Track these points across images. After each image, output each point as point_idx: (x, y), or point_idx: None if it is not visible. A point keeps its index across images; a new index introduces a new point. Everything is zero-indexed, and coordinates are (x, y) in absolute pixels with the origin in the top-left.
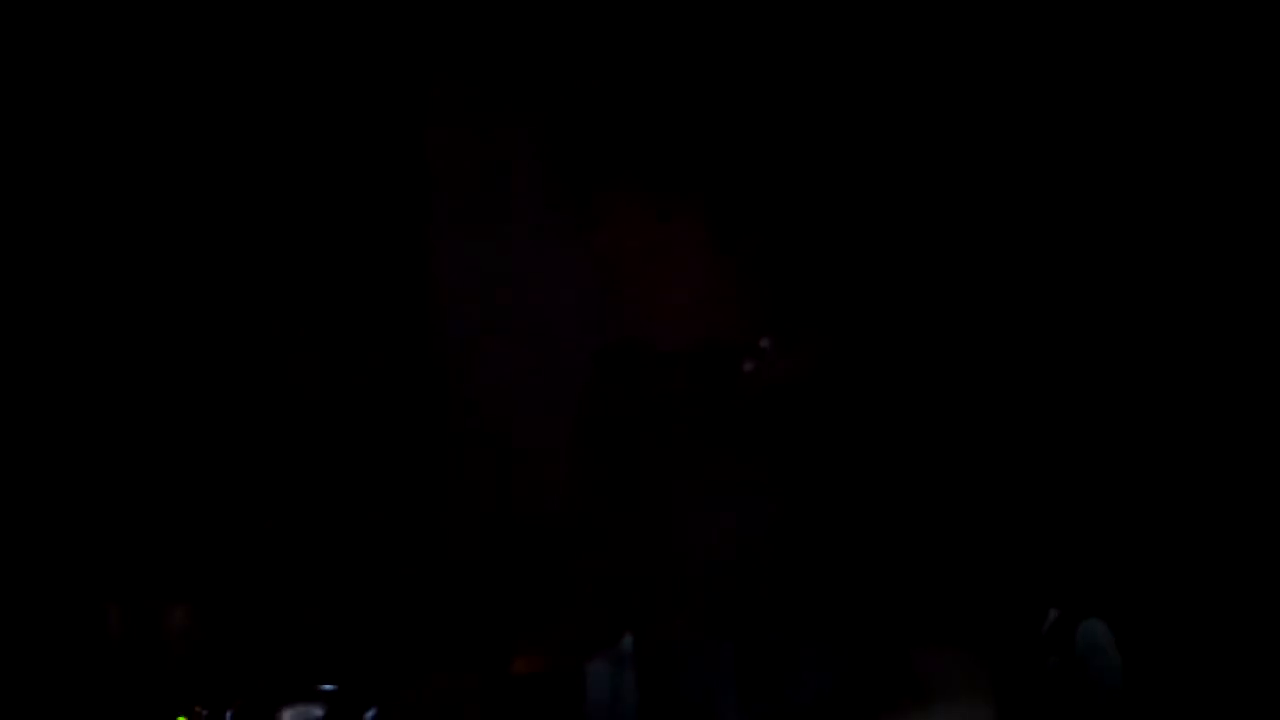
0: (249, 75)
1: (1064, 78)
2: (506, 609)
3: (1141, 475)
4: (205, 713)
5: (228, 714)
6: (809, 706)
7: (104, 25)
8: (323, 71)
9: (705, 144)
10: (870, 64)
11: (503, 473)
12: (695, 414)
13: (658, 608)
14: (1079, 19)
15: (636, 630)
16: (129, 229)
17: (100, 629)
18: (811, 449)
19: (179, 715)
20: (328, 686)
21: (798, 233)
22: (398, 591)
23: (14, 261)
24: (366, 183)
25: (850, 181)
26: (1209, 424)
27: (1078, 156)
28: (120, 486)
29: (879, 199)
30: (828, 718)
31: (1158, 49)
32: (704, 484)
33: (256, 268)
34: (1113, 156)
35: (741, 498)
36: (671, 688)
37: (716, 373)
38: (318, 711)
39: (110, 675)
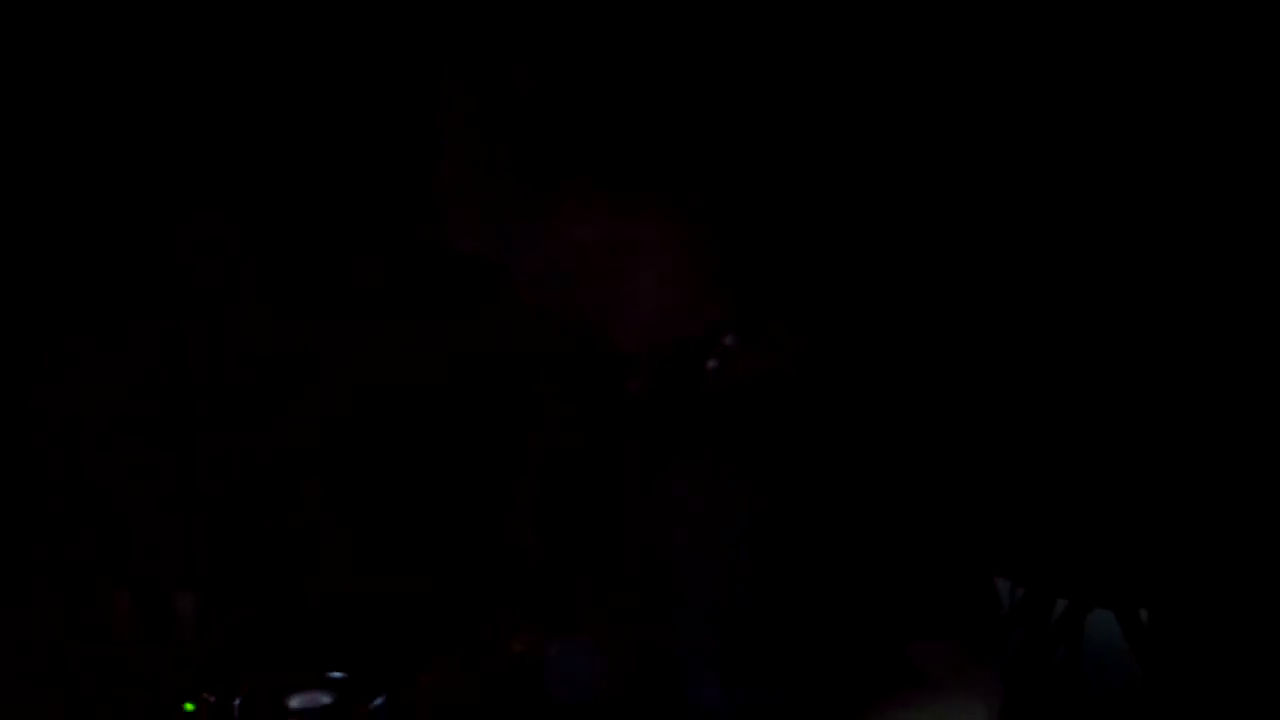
0: (249, 73)
1: (1035, 67)
2: (500, 599)
3: (1149, 465)
4: (213, 700)
5: (235, 702)
6: (793, 700)
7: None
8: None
9: (672, 140)
10: (836, 57)
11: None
12: (670, 408)
13: (637, 601)
14: (1040, 12)
15: (610, 625)
16: (131, 227)
17: (108, 616)
18: (797, 441)
19: (187, 703)
20: (336, 674)
21: (767, 228)
22: (404, 580)
23: (17, 252)
24: (350, 173)
25: (821, 177)
26: (1218, 414)
27: (1050, 146)
28: (130, 472)
29: (851, 194)
30: (819, 711)
31: (1140, 48)
32: (682, 479)
33: (257, 262)
34: (1086, 142)
35: (721, 493)
36: (651, 681)
37: (681, 371)
38: (326, 699)
39: (118, 663)
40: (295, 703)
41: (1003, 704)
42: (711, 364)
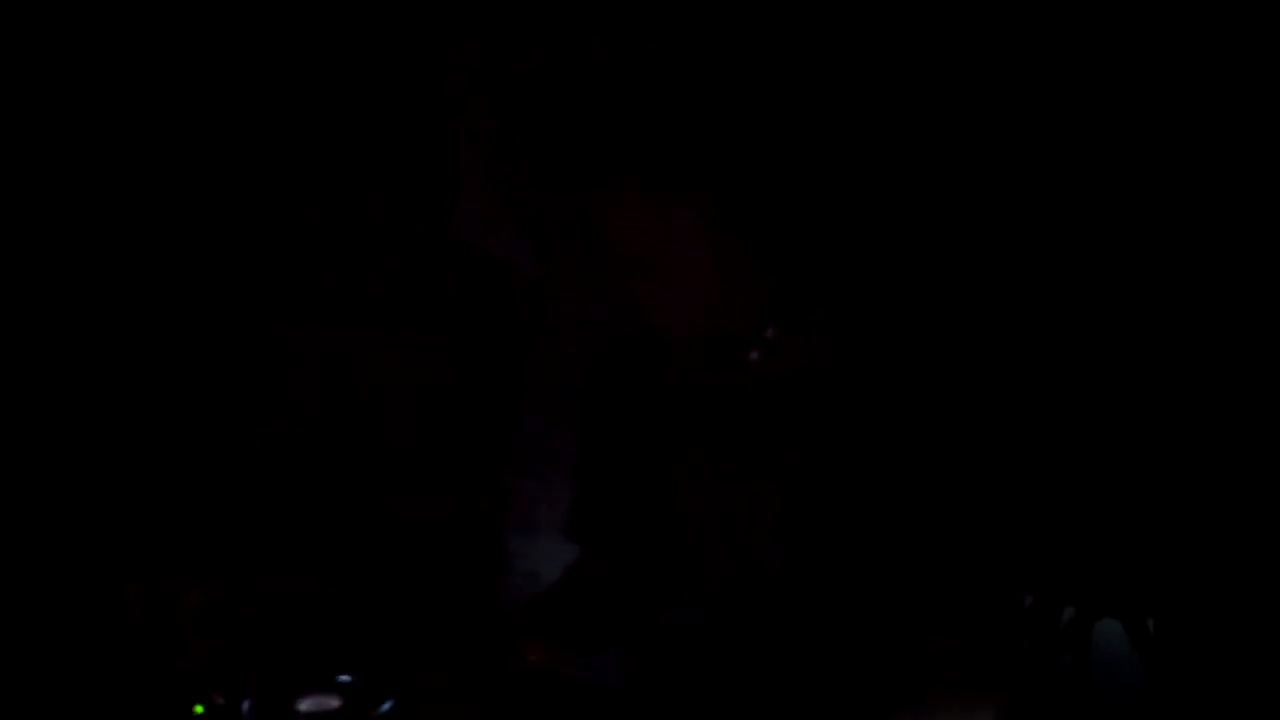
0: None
1: (1061, 67)
2: (513, 600)
3: (1157, 473)
4: (222, 702)
5: (245, 704)
6: (810, 695)
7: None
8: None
9: (711, 135)
10: (872, 53)
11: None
12: (703, 403)
13: (662, 596)
14: (1078, 13)
15: (638, 620)
16: (131, 226)
17: (117, 617)
18: (820, 437)
19: (196, 704)
20: (344, 677)
21: (804, 221)
22: (411, 582)
23: (20, 246)
24: (375, 174)
25: (856, 170)
26: (1227, 422)
27: (1079, 144)
28: (138, 469)
29: (885, 187)
30: (833, 707)
31: (1158, 47)
32: (711, 473)
33: (263, 259)
34: (1114, 145)
35: (750, 486)
36: (672, 676)
37: (723, 362)
38: (334, 702)
39: (127, 663)
40: (304, 705)
41: (1010, 709)
42: (754, 355)
